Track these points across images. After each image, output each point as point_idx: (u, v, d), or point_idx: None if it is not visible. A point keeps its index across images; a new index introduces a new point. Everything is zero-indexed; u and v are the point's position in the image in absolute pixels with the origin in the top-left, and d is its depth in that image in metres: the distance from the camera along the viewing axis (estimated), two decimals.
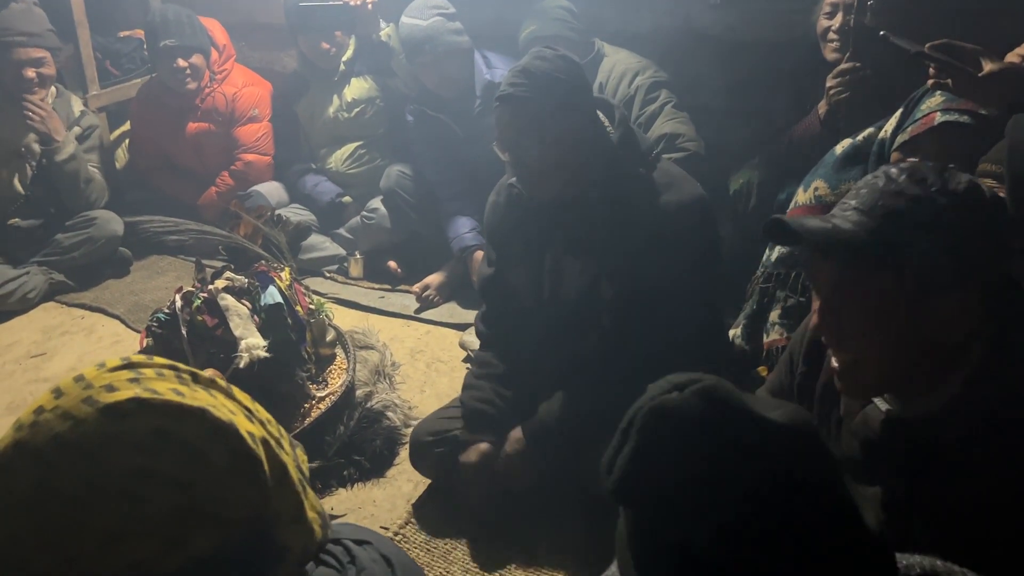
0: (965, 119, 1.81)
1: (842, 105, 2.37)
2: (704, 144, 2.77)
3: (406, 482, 2.30)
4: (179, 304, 2.29)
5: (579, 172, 1.93)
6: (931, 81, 1.73)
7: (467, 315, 3.02)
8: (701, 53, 3.06)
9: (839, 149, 2.16)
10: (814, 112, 2.48)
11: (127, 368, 0.85)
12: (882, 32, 1.77)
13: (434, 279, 3.18)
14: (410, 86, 3.38)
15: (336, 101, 3.49)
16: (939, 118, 1.84)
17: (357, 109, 3.48)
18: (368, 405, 2.45)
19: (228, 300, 2.29)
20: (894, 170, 1.18)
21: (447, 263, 3.20)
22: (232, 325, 2.24)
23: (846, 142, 2.16)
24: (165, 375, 0.86)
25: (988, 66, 1.63)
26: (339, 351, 2.58)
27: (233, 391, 0.91)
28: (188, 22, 3.49)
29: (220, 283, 2.35)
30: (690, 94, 2.91)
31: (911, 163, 1.19)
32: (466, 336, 2.88)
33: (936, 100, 1.87)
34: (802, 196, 2.18)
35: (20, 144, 3.37)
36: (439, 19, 3.01)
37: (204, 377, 0.89)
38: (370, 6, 3.41)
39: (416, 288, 3.18)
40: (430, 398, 2.62)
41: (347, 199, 3.55)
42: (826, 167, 2.16)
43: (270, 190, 3.59)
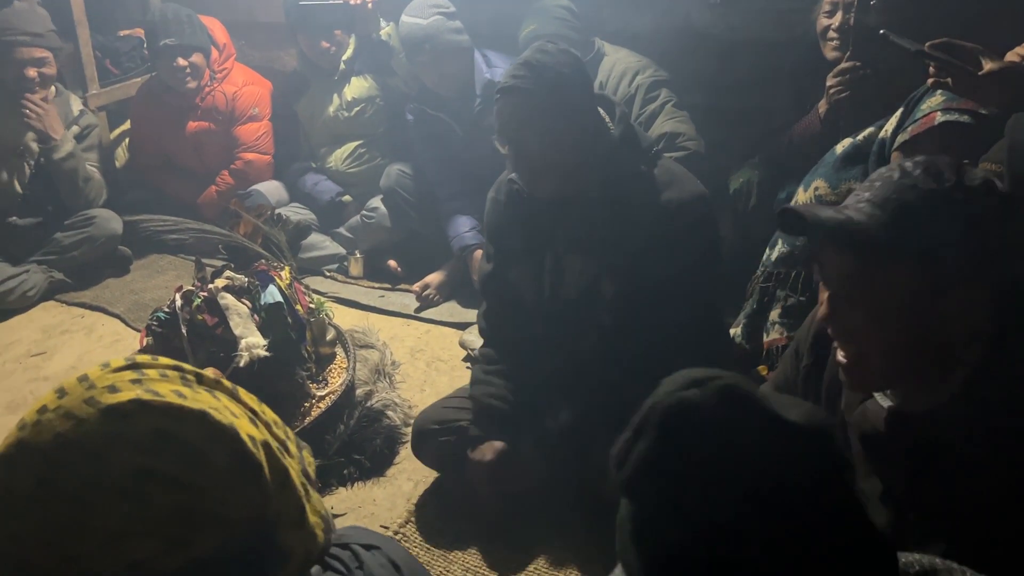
0: (966, 119, 1.81)
1: (842, 104, 2.37)
2: (704, 143, 2.77)
3: (406, 481, 2.30)
4: (179, 303, 2.29)
5: (580, 168, 1.92)
6: (931, 80, 1.73)
7: (467, 314, 3.03)
8: (701, 52, 3.06)
9: (839, 148, 2.16)
10: (814, 111, 2.48)
11: (131, 369, 0.85)
12: (882, 31, 1.77)
13: (434, 278, 3.18)
14: (410, 85, 3.38)
15: (336, 100, 3.49)
16: (939, 118, 1.84)
17: (357, 108, 3.48)
18: (368, 404, 2.45)
19: (228, 299, 2.29)
20: (909, 164, 1.17)
21: (447, 262, 3.20)
22: (232, 324, 2.24)
23: (846, 141, 2.16)
24: (169, 376, 0.86)
25: (988, 65, 1.63)
26: (339, 350, 2.58)
27: (239, 392, 0.91)
28: (188, 21, 3.49)
29: (220, 282, 2.35)
30: (690, 93, 2.91)
31: (927, 157, 1.18)
32: (466, 335, 2.89)
33: (936, 100, 1.87)
34: (802, 196, 2.18)
35: (19, 143, 3.37)
36: (439, 18, 3.01)
37: (209, 379, 0.89)
38: (370, 5, 3.41)
39: (416, 287, 3.18)
40: (430, 397, 2.62)
41: (347, 198, 3.54)
42: (826, 167, 2.15)
43: (270, 189, 3.59)
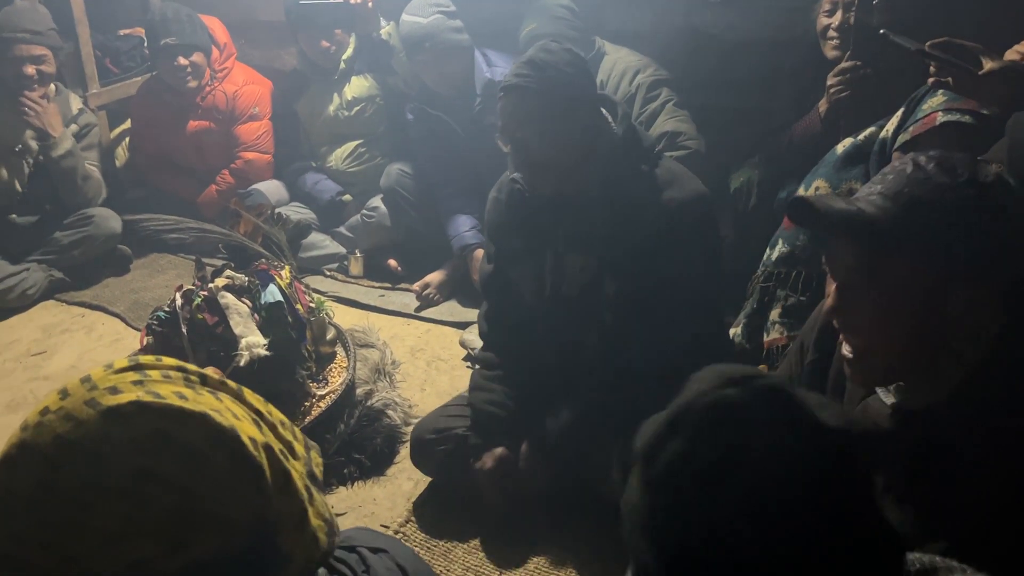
0: (967, 119, 1.81)
1: (843, 103, 2.37)
2: (705, 142, 2.77)
3: (406, 480, 2.30)
4: (179, 302, 2.29)
5: (581, 167, 1.92)
6: (931, 79, 1.73)
7: (467, 313, 3.02)
8: (701, 51, 3.06)
9: (840, 148, 2.16)
10: (815, 110, 2.48)
11: (134, 370, 0.85)
12: (882, 30, 1.77)
13: (434, 277, 3.18)
14: (410, 84, 3.38)
15: (336, 99, 3.49)
16: (941, 118, 1.84)
17: (357, 107, 3.48)
18: (368, 403, 2.45)
19: (228, 298, 2.29)
20: (923, 158, 1.17)
21: (447, 261, 3.19)
22: (232, 323, 2.24)
23: (847, 141, 2.15)
24: (172, 377, 0.85)
25: (988, 64, 1.63)
26: (339, 349, 2.58)
27: (244, 393, 0.91)
28: (188, 20, 3.49)
29: (220, 281, 2.35)
30: (690, 92, 2.91)
31: (940, 152, 1.18)
32: (466, 334, 2.89)
33: (938, 100, 1.87)
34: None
35: (18, 141, 3.36)
36: (439, 17, 3.01)
37: (213, 380, 0.89)
38: (370, 4, 3.41)
39: (416, 286, 3.18)
40: (430, 396, 2.62)
41: (347, 197, 3.54)
42: (827, 166, 2.15)
43: (270, 188, 3.58)
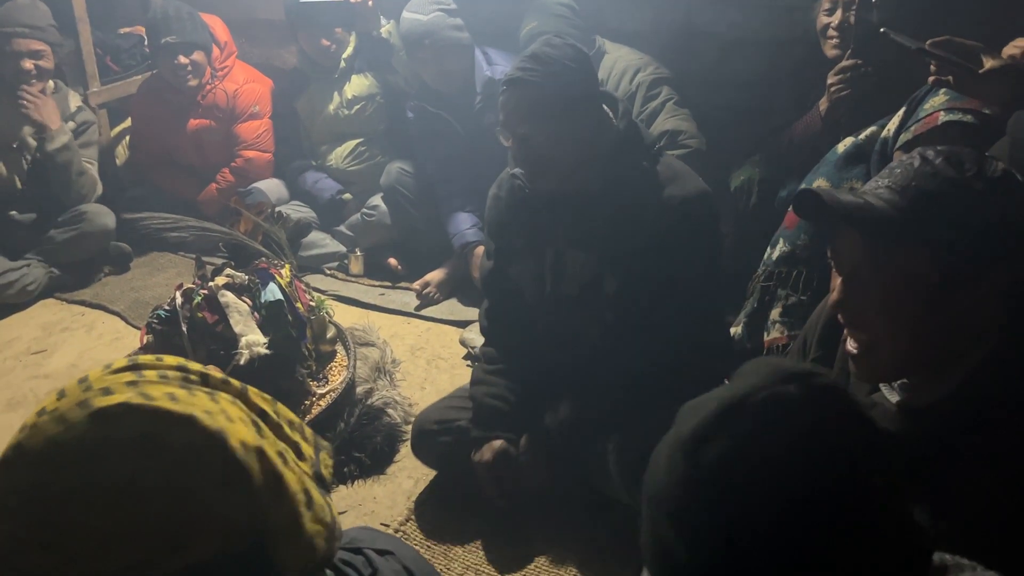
0: (969, 119, 1.80)
1: (843, 102, 2.36)
2: (705, 141, 2.77)
3: (407, 479, 2.30)
4: (179, 301, 2.29)
5: (583, 163, 1.92)
6: (932, 78, 1.72)
7: (468, 312, 3.02)
8: (702, 50, 3.06)
9: (841, 147, 2.15)
10: (815, 109, 2.48)
11: (131, 370, 0.84)
12: (883, 29, 1.77)
13: (434, 276, 3.18)
14: (410, 83, 3.38)
15: (336, 98, 3.49)
16: (943, 117, 1.83)
17: (357, 106, 3.48)
18: (368, 402, 2.45)
19: (228, 297, 2.29)
20: (931, 152, 1.16)
21: (448, 260, 3.19)
22: (232, 322, 2.24)
23: (848, 140, 2.15)
24: (169, 377, 0.85)
25: (989, 63, 1.63)
26: (339, 348, 2.58)
27: (249, 393, 0.90)
28: (189, 18, 3.49)
29: (220, 280, 2.35)
30: (691, 91, 2.91)
31: (949, 147, 1.17)
32: (466, 333, 2.88)
33: (940, 99, 1.86)
34: None
35: (16, 136, 3.36)
36: (440, 14, 3.01)
37: (215, 379, 0.88)
38: (370, 2, 3.41)
39: (416, 285, 3.18)
40: (430, 395, 2.62)
41: (347, 196, 3.54)
42: (828, 165, 2.15)
43: (270, 187, 3.58)
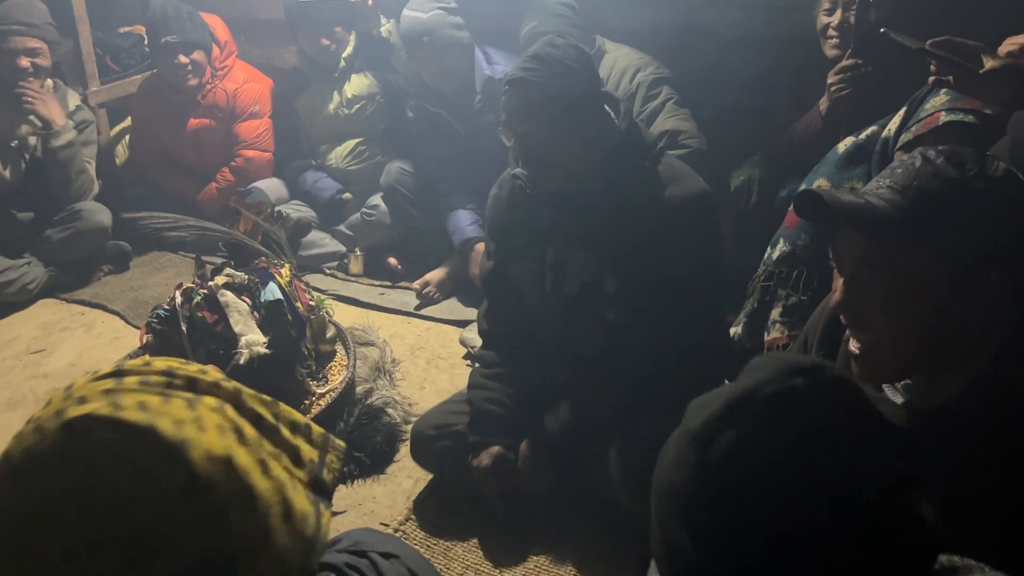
0: (970, 119, 1.80)
1: (844, 102, 2.36)
2: (706, 141, 2.77)
3: (406, 478, 2.30)
4: (179, 300, 2.29)
5: (584, 163, 1.92)
6: (932, 78, 1.72)
7: (467, 312, 3.02)
8: (702, 49, 3.06)
9: (841, 147, 2.15)
10: (815, 109, 2.48)
11: (112, 377, 0.84)
12: (883, 29, 1.76)
13: (434, 275, 3.17)
14: (410, 82, 3.38)
15: (336, 97, 3.49)
16: (943, 118, 1.83)
17: (357, 105, 3.48)
18: (368, 402, 2.45)
19: (228, 296, 2.28)
20: (932, 152, 1.16)
21: (447, 259, 3.19)
22: (232, 321, 2.24)
23: (848, 140, 2.15)
24: (150, 383, 0.84)
25: (989, 63, 1.62)
26: (339, 348, 2.58)
27: (242, 395, 0.89)
28: (189, 18, 3.48)
29: (220, 279, 2.34)
30: (691, 91, 2.91)
31: (950, 147, 1.17)
32: (466, 333, 2.88)
33: (940, 99, 1.86)
34: None
35: (14, 135, 3.35)
36: (440, 12, 3.01)
37: (205, 383, 0.87)
38: (370, 2, 3.41)
39: (416, 285, 3.18)
40: (430, 395, 2.62)
41: (347, 195, 3.54)
42: (829, 165, 2.15)
43: (270, 186, 3.58)
